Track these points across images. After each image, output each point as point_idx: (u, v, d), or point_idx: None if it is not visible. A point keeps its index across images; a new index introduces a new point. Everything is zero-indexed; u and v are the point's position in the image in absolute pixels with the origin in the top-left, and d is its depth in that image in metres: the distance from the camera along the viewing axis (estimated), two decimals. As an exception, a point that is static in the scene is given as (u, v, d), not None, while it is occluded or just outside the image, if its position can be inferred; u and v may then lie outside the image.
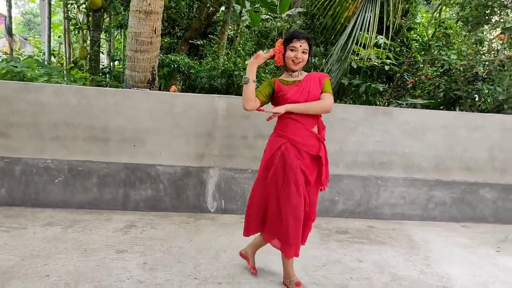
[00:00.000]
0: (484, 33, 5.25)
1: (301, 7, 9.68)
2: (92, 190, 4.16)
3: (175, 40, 9.69)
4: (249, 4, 8.63)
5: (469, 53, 5.78)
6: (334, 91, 6.76)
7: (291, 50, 2.67)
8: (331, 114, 4.30)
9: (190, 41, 8.74)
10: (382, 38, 6.14)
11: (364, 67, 6.26)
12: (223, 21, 9.04)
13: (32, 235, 3.42)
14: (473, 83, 5.47)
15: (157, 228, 3.76)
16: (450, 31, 6.11)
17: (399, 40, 8.72)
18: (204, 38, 8.76)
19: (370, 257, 3.44)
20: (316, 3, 7.53)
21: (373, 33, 5.52)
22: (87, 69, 9.44)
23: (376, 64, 6.17)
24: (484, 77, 5.40)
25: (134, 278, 2.79)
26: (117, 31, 10.92)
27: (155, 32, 4.36)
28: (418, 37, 8.67)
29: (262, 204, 2.81)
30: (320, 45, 8.55)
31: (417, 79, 7.80)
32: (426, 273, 3.19)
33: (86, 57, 9.77)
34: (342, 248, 3.58)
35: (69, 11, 10.69)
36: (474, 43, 5.41)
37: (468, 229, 4.38)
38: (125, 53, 8.05)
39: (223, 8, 9.31)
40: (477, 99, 5.13)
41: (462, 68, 5.29)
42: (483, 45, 5.48)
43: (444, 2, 6.54)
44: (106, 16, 10.30)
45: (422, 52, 7.99)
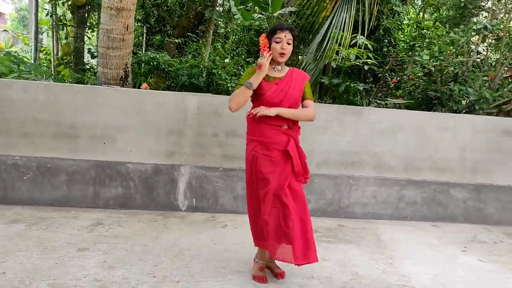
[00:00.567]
0: (459, 34, 5.28)
1: (291, 6, 9.69)
2: (61, 187, 4.13)
3: (165, 38, 9.66)
4: (233, 3, 8.61)
5: (449, 54, 5.82)
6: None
7: (276, 42, 2.66)
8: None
9: (175, 39, 8.71)
10: (362, 38, 6.16)
11: (345, 67, 6.27)
12: (207, 19, 9.03)
13: (-5, 232, 3.39)
14: (449, 84, 5.50)
15: (124, 226, 3.74)
16: (427, 32, 6.14)
17: (386, 41, 8.76)
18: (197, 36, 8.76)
19: (334, 256, 3.45)
20: (302, 2, 7.55)
21: (348, 33, 5.53)
22: (70, 66, 9.38)
23: (358, 63, 6.19)
24: (460, 78, 5.44)
25: (91, 276, 2.78)
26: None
27: (127, 29, 4.33)
28: (405, 37, 8.73)
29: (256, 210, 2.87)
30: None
31: (399, 79, 7.84)
32: (388, 272, 3.21)
33: (71, 53, 9.71)
34: (308, 247, 3.58)
35: (53, 7, 10.60)
36: (446, 44, 5.44)
37: (438, 228, 4.41)
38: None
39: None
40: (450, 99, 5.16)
41: (434, 69, 5.32)
42: (457, 46, 5.50)
43: (423, 4, 6.57)
44: (92, 13, 10.23)
45: (409, 53, 8.04)
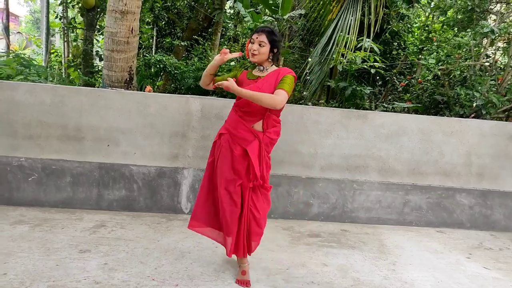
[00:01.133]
0: (466, 37, 5.21)
1: (301, 9, 9.68)
2: (65, 189, 4.16)
3: (175, 41, 9.71)
4: (240, 5, 8.62)
5: (456, 57, 5.76)
6: (315, 93, 6.74)
7: (251, 42, 2.80)
8: (304, 116, 4.30)
9: (181, 42, 8.75)
10: (368, 41, 6.12)
11: (352, 70, 6.23)
12: (215, 21, 9.07)
13: (-1, 233, 3.43)
14: (456, 88, 5.43)
15: (127, 228, 3.76)
16: (435, 35, 6.08)
17: (395, 44, 8.70)
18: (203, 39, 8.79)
19: (336, 261, 3.43)
20: (309, 4, 7.53)
21: (354, 36, 5.50)
22: (80, 68, 9.49)
23: (365, 67, 6.14)
24: (468, 82, 5.36)
25: (91, 278, 2.79)
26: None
27: (131, 32, 4.36)
28: (416, 41, 8.65)
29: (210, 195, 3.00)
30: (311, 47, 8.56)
31: (407, 82, 7.77)
32: (390, 278, 3.17)
33: (80, 56, 9.82)
34: (310, 252, 3.57)
35: (64, 10, 10.74)
36: (454, 47, 5.38)
37: (443, 234, 4.35)
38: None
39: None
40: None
41: (440, 73, 5.26)
42: (464, 50, 5.43)
43: (430, 7, 6.51)
44: (101, 16, 10.34)
45: (420, 56, 7.96)
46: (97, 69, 8.85)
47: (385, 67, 6.44)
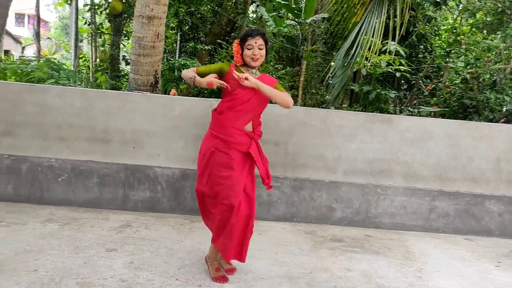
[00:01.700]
0: (496, 40, 5.09)
1: (324, 13, 9.67)
2: (93, 189, 4.27)
3: (198, 45, 9.85)
4: (263, 10, 8.67)
5: (486, 60, 5.63)
6: (337, 97, 6.71)
7: (248, 49, 2.77)
8: (328, 120, 4.28)
9: (205, 46, 8.85)
10: (393, 45, 6.06)
11: (376, 73, 6.18)
12: (238, 26, 9.14)
13: (30, 231, 3.54)
14: (485, 91, 5.31)
15: (151, 229, 3.82)
16: (463, 37, 5.96)
17: (422, 47, 8.57)
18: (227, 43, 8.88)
19: (360, 266, 3.39)
20: (333, 8, 7.52)
21: (379, 39, 5.45)
22: (107, 72, 9.73)
23: (390, 70, 6.09)
24: (498, 86, 5.24)
25: (118, 276, 2.85)
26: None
27: (158, 37, 4.45)
28: (442, 43, 8.51)
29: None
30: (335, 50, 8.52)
31: (434, 86, 7.65)
32: (415, 286, 3.12)
33: (107, 60, 10.07)
34: (333, 256, 3.54)
35: (93, 16, 11.05)
36: (483, 50, 5.26)
37: (471, 242, 4.24)
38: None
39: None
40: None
41: (469, 76, 5.15)
42: (494, 53, 5.31)
43: (459, 9, 6.39)
44: (127, 21, 10.58)
45: (446, 59, 7.83)
46: (123, 73, 9.05)
47: (410, 70, 6.36)
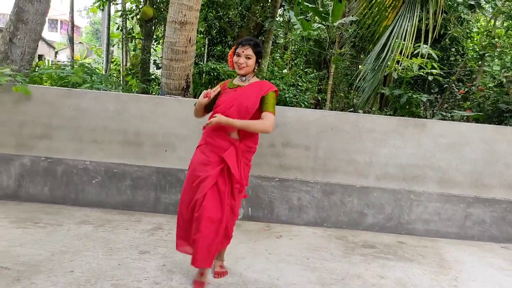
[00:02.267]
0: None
1: (352, 16, 9.59)
2: (125, 192, 4.35)
3: (226, 49, 9.93)
4: (293, 13, 8.66)
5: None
6: (368, 101, 6.61)
7: (236, 55, 2.85)
8: (359, 124, 4.23)
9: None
10: (425, 48, 5.93)
11: (407, 77, 6.07)
12: (267, 30, 9.16)
13: (66, 232, 3.64)
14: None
15: (182, 232, 3.85)
16: (498, 40, 5.78)
17: (453, 50, 8.37)
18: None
19: (393, 273, 3.32)
20: (363, 11, 7.44)
21: (410, 42, 5.35)
22: (137, 76, 9.93)
23: (421, 74, 5.96)
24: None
25: (151, 279, 2.90)
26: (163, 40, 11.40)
27: (189, 42, 4.51)
28: (475, 46, 8.28)
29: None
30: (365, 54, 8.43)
31: (467, 90, 7.44)
32: (451, 295, 3.03)
33: (138, 64, 10.29)
34: (365, 263, 3.49)
35: (124, 21, 11.31)
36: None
37: (508, 250, 4.09)
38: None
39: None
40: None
41: (506, 80, 4.98)
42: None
43: (493, 12, 6.21)
44: (158, 26, 10.77)
45: (479, 63, 7.61)
46: (153, 77, 9.20)
47: (442, 73, 6.21)
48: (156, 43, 10.44)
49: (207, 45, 10.79)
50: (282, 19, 11.61)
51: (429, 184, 4.27)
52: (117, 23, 12.55)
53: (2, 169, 4.31)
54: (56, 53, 27.95)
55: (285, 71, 6.86)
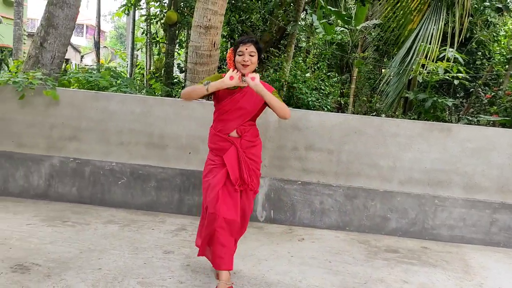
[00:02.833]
0: None
1: (376, 19, 9.54)
2: (150, 193, 4.44)
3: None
4: (316, 17, 8.66)
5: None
6: (392, 105, 6.56)
7: (239, 55, 2.83)
8: (383, 128, 4.21)
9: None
10: (451, 51, 5.85)
11: (432, 81, 6.00)
12: (289, 33, 9.20)
13: (93, 231, 3.74)
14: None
15: (205, 233, 3.91)
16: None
17: (479, 53, 8.21)
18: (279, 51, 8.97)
19: (417, 279, 3.29)
20: (387, 15, 7.39)
21: (436, 45, 5.29)
22: (161, 79, 10.11)
23: (447, 78, 5.89)
24: None
25: (176, 278, 2.95)
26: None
27: (214, 46, 4.58)
28: (502, 50, 8.10)
29: None
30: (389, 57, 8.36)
31: (493, 94, 7.30)
32: (477, 302, 2.99)
33: (162, 68, 10.48)
34: (388, 267, 3.47)
35: (148, 26, 11.53)
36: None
37: (537, 258, 3.99)
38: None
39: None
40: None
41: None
42: None
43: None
44: (181, 31, 10.94)
45: (506, 66, 7.45)
46: (177, 81, 9.35)
47: (469, 78, 6.12)
48: (180, 47, 10.60)
49: (229, 49, 10.91)
50: (304, 23, 11.63)
51: (454, 189, 4.21)
52: (141, 28, 12.80)
53: (33, 170, 4.47)
54: (82, 57, 28.66)
55: (307, 75, 6.87)
